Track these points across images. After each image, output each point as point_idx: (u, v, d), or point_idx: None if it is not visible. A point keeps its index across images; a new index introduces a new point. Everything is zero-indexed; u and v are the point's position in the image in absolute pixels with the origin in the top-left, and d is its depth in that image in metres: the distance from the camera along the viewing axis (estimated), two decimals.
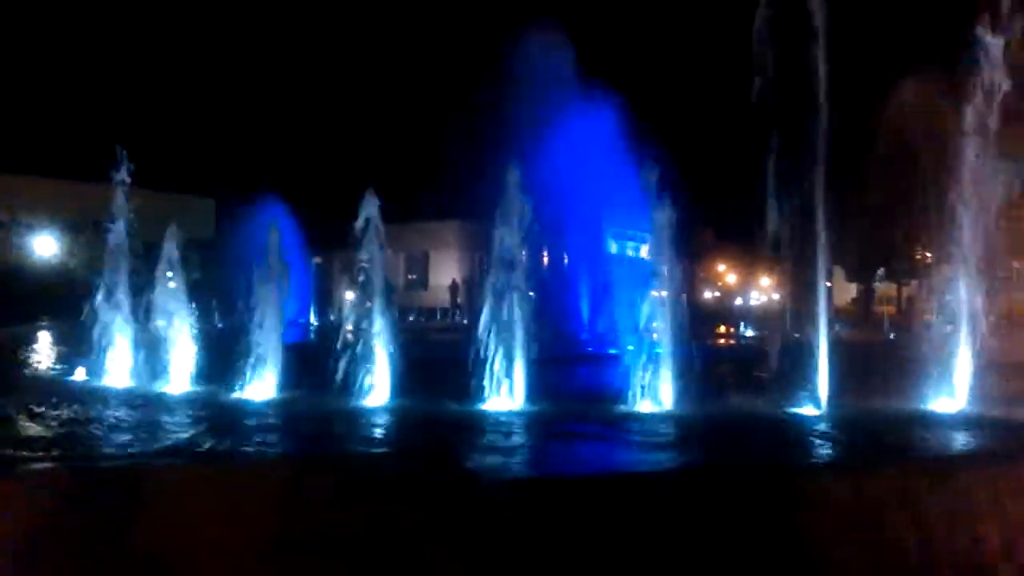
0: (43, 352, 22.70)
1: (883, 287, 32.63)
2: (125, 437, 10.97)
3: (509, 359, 13.00)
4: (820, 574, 5.62)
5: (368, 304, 13.94)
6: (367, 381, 13.40)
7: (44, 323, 26.25)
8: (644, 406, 12.47)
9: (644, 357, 12.78)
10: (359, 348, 13.53)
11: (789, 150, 13.28)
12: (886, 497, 6.33)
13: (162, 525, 5.50)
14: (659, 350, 12.96)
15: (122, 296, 16.40)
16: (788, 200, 13.40)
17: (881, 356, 15.49)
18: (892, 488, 6.45)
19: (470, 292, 43.87)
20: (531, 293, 13.83)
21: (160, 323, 15.94)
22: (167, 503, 5.78)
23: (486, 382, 12.83)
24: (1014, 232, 13.08)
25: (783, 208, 13.51)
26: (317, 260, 43.42)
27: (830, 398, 12.36)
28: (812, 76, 12.90)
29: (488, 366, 12.87)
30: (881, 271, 31.56)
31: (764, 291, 50.62)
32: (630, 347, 13.58)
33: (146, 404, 13.61)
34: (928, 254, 14.48)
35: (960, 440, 10.79)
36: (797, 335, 14.55)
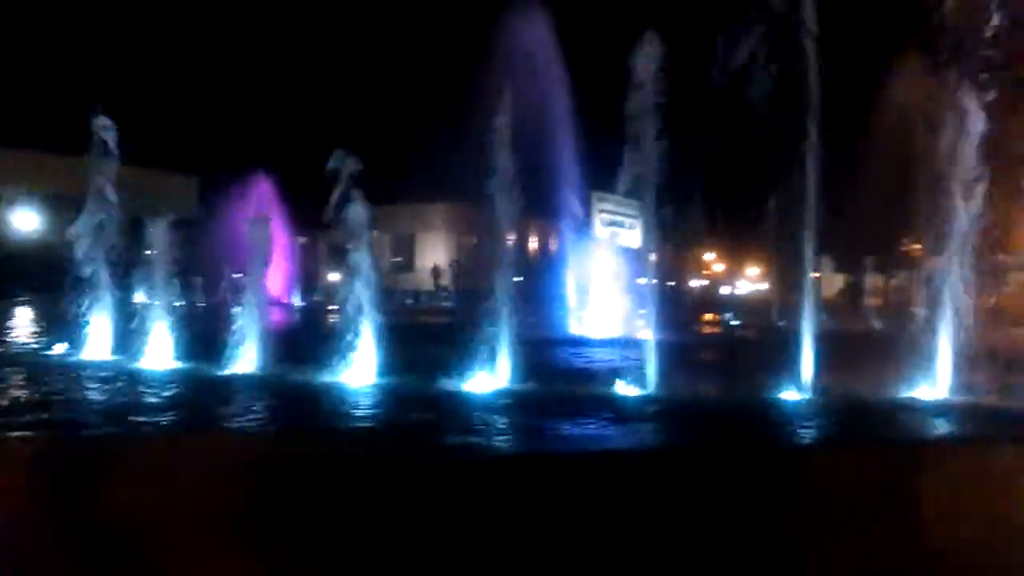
0: (23, 327, 22.47)
1: (872, 279, 32.71)
2: (100, 410, 10.97)
3: (496, 339, 12.95)
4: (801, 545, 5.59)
5: (352, 285, 13.87)
6: (351, 359, 13.35)
7: (24, 298, 25.96)
8: (630, 389, 12.45)
9: (631, 342, 12.78)
10: (343, 327, 13.50)
11: (778, 140, 13.24)
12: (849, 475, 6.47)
13: (132, 494, 5.47)
14: (645, 335, 12.96)
15: (103, 272, 16.23)
16: (777, 189, 13.36)
17: (866, 345, 15.54)
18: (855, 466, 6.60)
19: (457, 274, 43.83)
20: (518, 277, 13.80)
21: (142, 299, 15.79)
22: (136, 473, 5.84)
23: (473, 361, 12.78)
24: (1002, 223, 13.12)
25: (773, 198, 13.48)
26: (302, 240, 43.14)
27: (814, 384, 12.40)
28: (802, 65, 12.86)
29: (477, 345, 12.81)
30: (869, 262, 31.64)
31: (752, 280, 50.82)
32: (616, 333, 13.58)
33: (124, 379, 13.52)
34: (916, 246, 14.51)
35: (936, 427, 10.92)
36: (782, 323, 14.57)
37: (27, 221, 41.81)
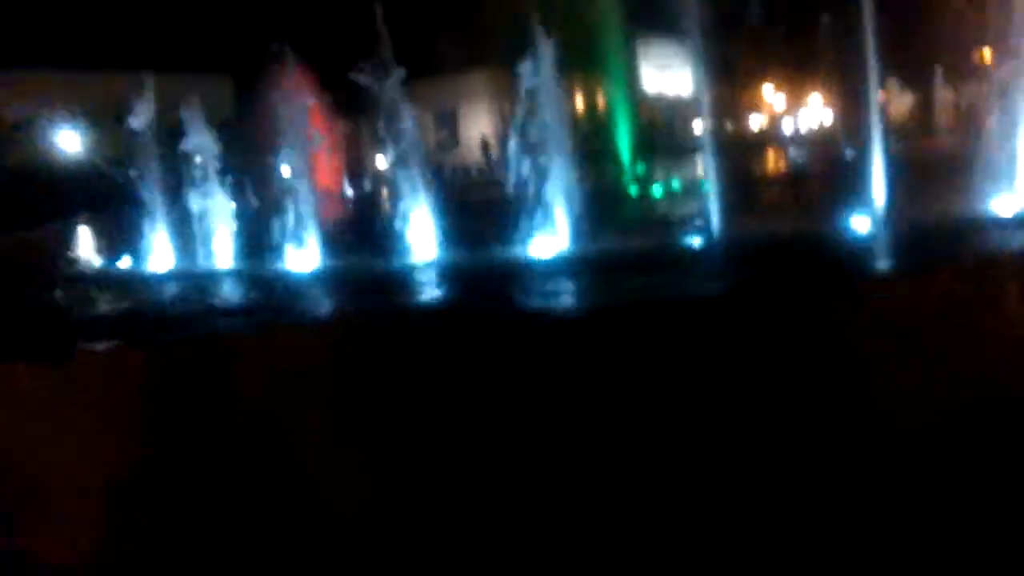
0: (85, 247, 22.92)
1: (942, 94, 30.75)
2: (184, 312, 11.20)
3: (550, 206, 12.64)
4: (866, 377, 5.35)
5: (400, 170, 13.68)
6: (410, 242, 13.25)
7: (78, 219, 26.37)
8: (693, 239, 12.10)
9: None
10: (398, 214, 13.37)
11: None
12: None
13: (236, 387, 5.59)
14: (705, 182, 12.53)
15: (152, 184, 16.24)
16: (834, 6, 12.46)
17: (939, 165, 14.78)
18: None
19: (503, 147, 42.82)
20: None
21: (195, 206, 15.81)
22: (245, 367, 5.92)
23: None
24: None
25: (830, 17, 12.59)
26: (346, 128, 42.64)
27: (887, 211, 11.84)
28: None
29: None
30: (938, 76, 29.64)
31: (814, 111, 48.64)
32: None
33: (194, 284, 13.78)
34: (986, 52, 13.49)
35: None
36: (851, 151, 13.89)
37: (69, 142, 42.01)
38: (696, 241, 11.99)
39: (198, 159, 15.93)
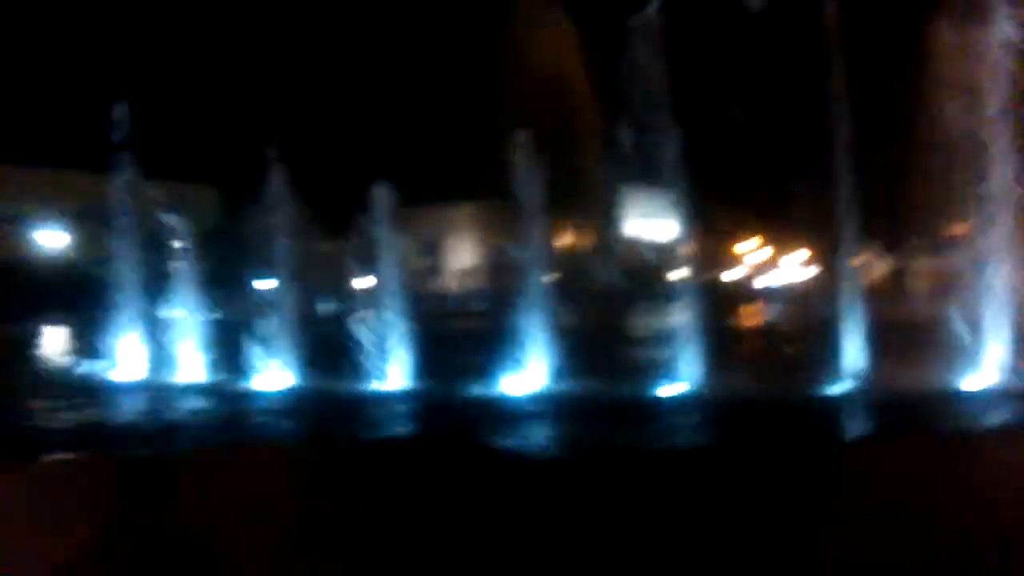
0: (53, 346, 22.56)
1: (918, 262, 31.52)
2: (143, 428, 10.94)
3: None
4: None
5: (378, 292, 13.74)
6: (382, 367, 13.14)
7: (52, 317, 26.06)
8: (670, 388, 12.05)
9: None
10: (372, 335, 13.31)
11: (813, 121, 12.80)
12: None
13: (194, 508, 5.50)
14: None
15: (130, 288, 16.12)
16: (814, 172, 12.92)
17: (912, 332, 15.04)
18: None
19: (496, 276, 43.36)
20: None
21: (169, 313, 15.67)
22: (198, 487, 5.82)
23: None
24: None
25: (809, 181, 13.03)
26: (326, 248, 42.93)
27: (860, 376, 11.90)
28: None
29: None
30: (914, 244, 30.44)
31: (790, 269, 49.56)
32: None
33: (160, 395, 13.47)
34: (962, 225, 13.91)
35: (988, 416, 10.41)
36: (824, 312, 14.07)
37: (52, 239, 42.04)
38: (670, 390, 11.96)
39: (178, 266, 15.89)
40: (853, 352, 12.09)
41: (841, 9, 12.48)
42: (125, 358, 15.98)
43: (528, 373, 12.42)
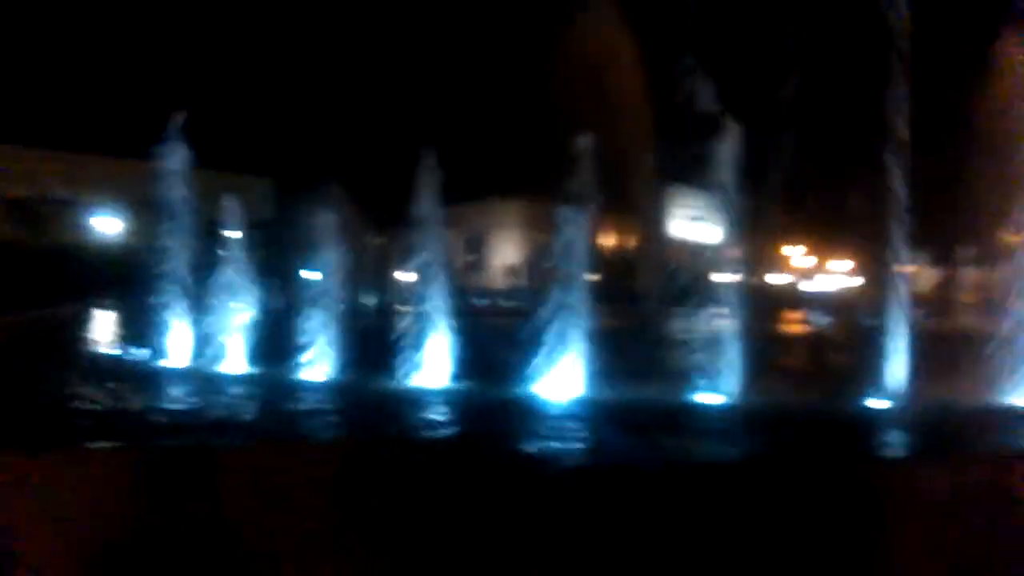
0: (102, 331, 23.02)
1: (968, 273, 30.81)
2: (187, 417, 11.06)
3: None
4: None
5: (425, 286, 13.79)
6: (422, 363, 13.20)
7: (102, 302, 26.54)
8: (709, 397, 11.96)
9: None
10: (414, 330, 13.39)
11: (868, 127, 12.58)
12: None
13: (230, 501, 5.45)
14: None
15: (182, 275, 16.38)
16: (867, 180, 12.72)
17: (960, 345, 14.74)
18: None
19: (534, 274, 43.48)
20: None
21: (220, 303, 15.89)
22: (233, 482, 5.71)
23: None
24: None
25: (861, 186, 12.83)
26: (378, 241, 43.24)
27: (907, 389, 11.71)
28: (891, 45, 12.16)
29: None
30: (966, 255, 29.76)
31: (838, 276, 48.74)
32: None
33: (206, 384, 13.64)
34: (1016, 236, 13.59)
35: None
36: (871, 323, 13.84)
37: (108, 225, 42.93)
38: (712, 398, 11.87)
39: (228, 255, 16.09)
40: (900, 364, 11.89)
41: (907, 18, 12.27)
42: (172, 345, 16.29)
43: (568, 375, 12.42)
